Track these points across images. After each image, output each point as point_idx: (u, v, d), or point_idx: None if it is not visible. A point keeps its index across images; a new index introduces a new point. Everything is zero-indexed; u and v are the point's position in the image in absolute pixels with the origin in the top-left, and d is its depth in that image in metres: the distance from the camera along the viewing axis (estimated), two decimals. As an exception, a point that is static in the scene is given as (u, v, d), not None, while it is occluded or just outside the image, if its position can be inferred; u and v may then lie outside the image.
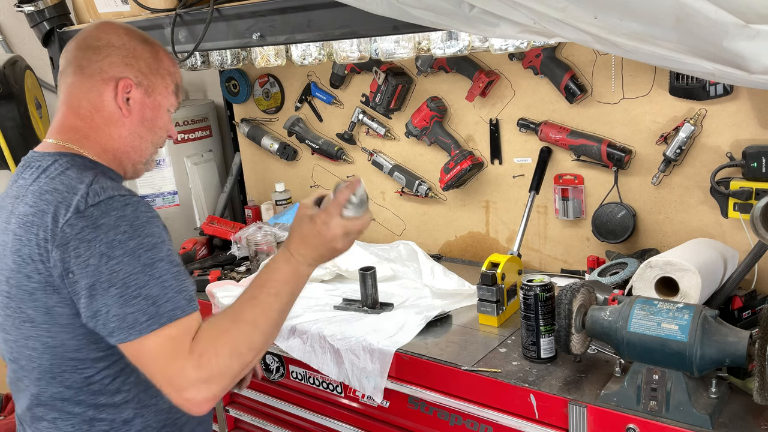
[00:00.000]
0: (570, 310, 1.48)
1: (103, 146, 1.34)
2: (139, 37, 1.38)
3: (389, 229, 2.68)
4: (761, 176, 1.74)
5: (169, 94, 1.41)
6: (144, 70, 1.36)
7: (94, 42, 1.34)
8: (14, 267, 1.23)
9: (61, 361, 1.24)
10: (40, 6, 2.38)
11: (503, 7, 1.27)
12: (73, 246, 1.15)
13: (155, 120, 1.39)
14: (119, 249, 1.14)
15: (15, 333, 1.27)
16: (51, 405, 1.28)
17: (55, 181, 1.23)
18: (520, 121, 2.21)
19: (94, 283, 1.14)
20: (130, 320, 1.14)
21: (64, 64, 1.37)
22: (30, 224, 1.20)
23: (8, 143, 2.56)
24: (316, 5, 1.75)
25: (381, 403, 1.80)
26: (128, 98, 1.34)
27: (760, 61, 1.08)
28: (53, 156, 1.29)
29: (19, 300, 1.23)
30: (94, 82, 1.33)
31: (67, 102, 1.35)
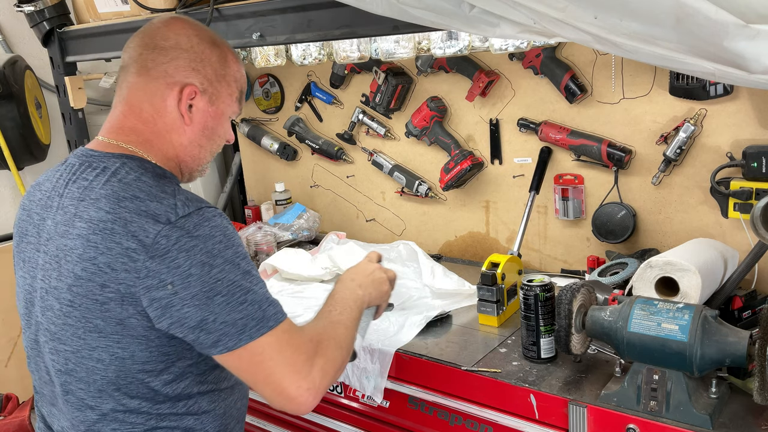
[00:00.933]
0: (570, 310, 1.48)
1: (165, 152, 1.30)
2: (209, 39, 1.32)
3: (389, 229, 2.67)
4: (761, 176, 1.74)
5: (232, 101, 1.37)
6: (210, 76, 1.30)
7: (161, 41, 1.28)
8: (84, 275, 1.15)
9: (128, 372, 1.19)
10: (39, 6, 2.38)
11: (503, 7, 1.27)
12: (172, 257, 1.11)
13: (216, 129, 1.35)
14: (219, 258, 1.14)
15: (76, 343, 1.20)
16: (111, 417, 1.22)
17: (132, 187, 1.18)
18: (520, 121, 2.21)
19: (198, 293, 1.12)
20: (240, 326, 1.14)
21: (127, 59, 1.30)
22: (110, 231, 1.14)
23: (8, 143, 2.56)
24: (316, 5, 1.75)
25: (381, 403, 1.80)
26: (191, 105, 1.29)
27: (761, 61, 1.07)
28: (119, 158, 1.24)
29: (85, 309, 1.17)
30: (159, 85, 1.27)
31: (128, 102, 1.29)
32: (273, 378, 1.16)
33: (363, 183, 2.70)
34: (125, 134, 1.28)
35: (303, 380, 1.17)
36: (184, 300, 1.12)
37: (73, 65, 2.52)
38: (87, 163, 1.25)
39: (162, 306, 1.13)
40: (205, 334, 1.14)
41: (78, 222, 1.18)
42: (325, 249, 2.45)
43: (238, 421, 1.38)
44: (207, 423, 1.28)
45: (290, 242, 2.65)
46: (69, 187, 1.24)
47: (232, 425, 1.36)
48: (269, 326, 1.16)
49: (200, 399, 1.27)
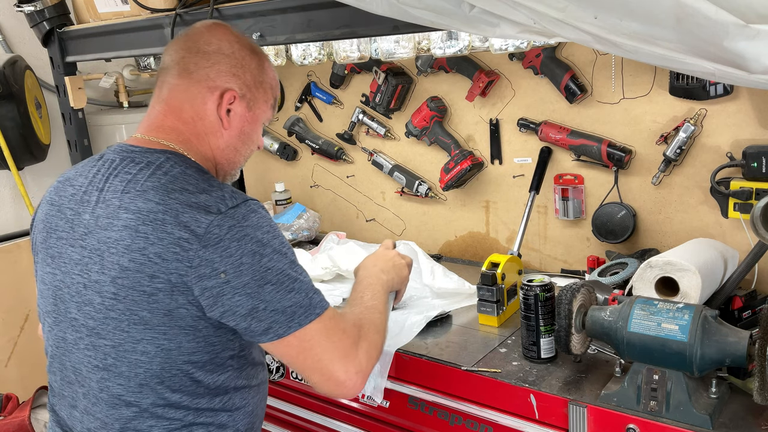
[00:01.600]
0: (570, 310, 1.48)
1: (203, 153, 1.33)
2: (249, 46, 1.37)
3: (389, 229, 2.67)
4: (761, 176, 1.74)
5: (268, 108, 1.41)
6: (249, 82, 1.35)
7: (204, 46, 1.32)
8: (132, 266, 1.16)
9: (173, 364, 1.20)
10: (39, 6, 2.38)
11: (503, 7, 1.27)
12: (224, 245, 1.14)
13: (251, 134, 1.40)
14: (268, 247, 1.18)
15: (118, 337, 1.20)
16: (150, 412, 1.22)
17: (180, 180, 1.21)
18: (520, 121, 2.21)
19: (249, 282, 1.15)
20: (289, 313, 1.17)
21: (169, 61, 1.34)
22: (161, 222, 1.15)
23: (8, 143, 2.56)
24: (316, 5, 1.75)
25: (381, 403, 1.80)
26: (230, 110, 1.33)
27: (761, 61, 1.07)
28: (162, 153, 1.26)
29: (130, 301, 1.17)
30: (200, 88, 1.31)
31: (169, 103, 1.33)
32: (322, 363, 1.20)
33: (363, 183, 2.70)
34: (166, 132, 1.31)
35: (351, 364, 1.21)
36: (235, 288, 1.14)
37: (73, 65, 2.52)
38: (129, 158, 1.27)
39: (214, 295, 1.15)
40: (257, 322, 1.17)
41: (123, 213, 1.19)
42: (325, 249, 2.45)
43: (260, 420, 1.41)
44: (238, 420, 1.31)
45: (290, 242, 2.64)
46: (110, 181, 1.25)
47: (257, 424, 1.39)
48: (316, 313, 1.20)
49: (234, 395, 1.29)
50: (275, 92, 1.43)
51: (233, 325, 1.18)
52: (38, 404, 2.32)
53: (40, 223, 1.35)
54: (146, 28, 2.17)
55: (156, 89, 1.36)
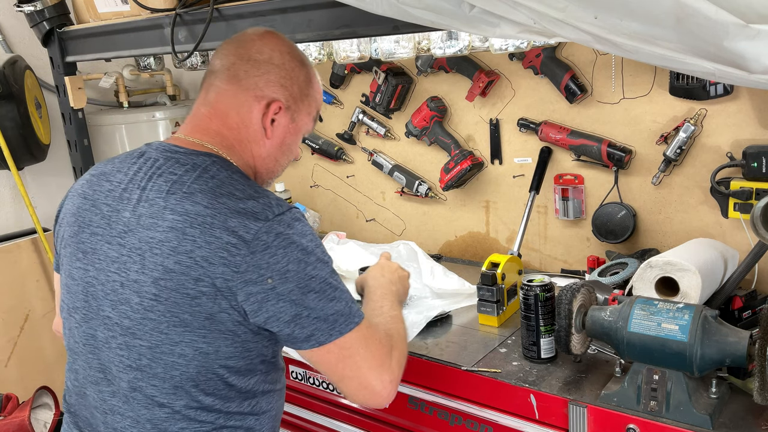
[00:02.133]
0: (570, 310, 1.48)
1: (245, 160, 1.33)
2: (299, 58, 1.38)
3: (389, 229, 2.67)
4: (761, 176, 1.74)
5: (310, 120, 1.42)
6: (295, 94, 1.35)
7: (256, 54, 1.32)
8: (177, 269, 1.15)
9: (209, 368, 1.20)
10: (39, 6, 2.38)
11: (503, 7, 1.27)
12: (272, 252, 1.15)
13: (291, 145, 1.40)
14: (312, 255, 1.19)
15: (155, 338, 1.19)
16: (182, 415, 1.22)
17: (227, 185, 1.21)
18: (520, 121, 2.21)
19: (294, 289, 1.16)
20: (331, 321, 1.18)
21: (218, 65, 1.34)
22: (209, 226, 1.15)
23: (8, 143, 2.56)
24: (316, 5, 1.75)
25: (381, 403, 1.79)
26: (274, 120, 1.33)
27: (761, 61, 1.07)
28: (207, 156, 1.27)
29: (172, 303, 1.17)
30: (248, 96, 1.31)
31: (215, 106, 1.33)
32: (361, 372, 1.21)
33: (363, 183, 2.70)
34: (210, 136, 1.31)
35: (386, 373, 1.23)
36: (280, 295, 1.15)
37: (73, 65, 2.52)
38: (173, 158, 1.26)
39: (259, 300, 1.15)
40: (299, 329, 1.17)
41: (169, 215, 1.18)
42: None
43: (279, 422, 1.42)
44: (264, 423, 1.32)
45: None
46: (154, 181, 1.24)
47: (278, 427, 1.41)
48: (355, 322, 1.21)
49: (261, 399, 1.30)
50: (318, 105, 1.44)
51: (276, 331, 1.19)
52: (38, 404, 2.32)
53: (70, 216, 1.33)
54: (146, 28, 2.17)
55: (202, 91, 1.36)
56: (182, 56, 2.25)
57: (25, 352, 2.73)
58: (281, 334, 1.19)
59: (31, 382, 2.59)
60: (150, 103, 3.08)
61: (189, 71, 2.81)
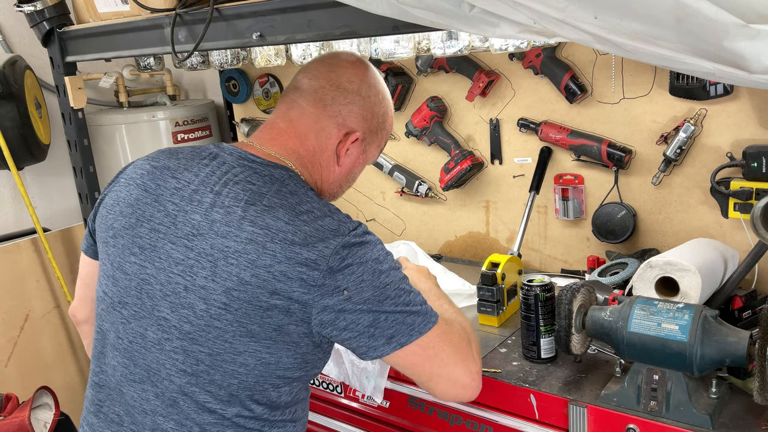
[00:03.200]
0: (570, 310, 1.48)
1: (315, 182, 1.36)
2: (383, 93, 1.41)
3: (389, 229, 2.67)
4: (761, 176, 1.74)
5: (378, 152, 1.46)
6: (373, 128, 1.39)
7: (346, 83, 1.35)
8: (254, 281, 1.16)
9: (267, 378, 1.22)
10: (39, 6, 2.37)
11: (503, 7, 1.27)
12: (347, 264, 1.17)
13: (356, 174, 1.44)
14: (385, 264, 1.22)
15: (218, 346, 1.19)
16: (233, 421, 1.22)
17: (305, 202, 1.23)
18: (520, 121, 2.21)
19: (370, 297, 1.17)
20: (408, 323, 1.20)
21: (306, 84, 1.36)
22: (290, 243, 1.16)
23: (8, 143, 2.56)
24: (316, 5, 1.75)
25: (381, 403, 1.80)
26: (348, 149, 1.36)
27: (761, 61, 1.07)
28: (283, 170, 1.28)
29: (242, 315, 1.17)
30: (330, 123, 1.34)
31: (295, 126, 1.34)
32: (449, 368, 1.23)
33: (363, 183, 2.70)
34: (287, 152, 1.33)
35: (472, 364, 1.26)
36: (356, 304, 1.17)
37: (73, 65, 2.52)
38: (250, 168, 1.26)
39: (336, 311, 1.17)
40: (380, 332, 1.19)
41: (249, 226, 1.18)
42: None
43: None
44: (299, 429, 1.35)
45: (290, 242, 2.65)
46: (230, 187, 1.23)
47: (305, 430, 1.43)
48: (433, 321, 1.23)
49: (298, 406, 1.32)
50: (387, 137, 1.48)
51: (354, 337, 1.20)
52: (38, 404, 2.32)
53: (127, 207, 1.30)
54: (146, 28, 2.17)
55: (283, 105, 1.37)
56: (182, 56, 2.24)
57: (25, 352, 2.73)
58: (359, 340, 1.20)
59: (31, 382, 2.60)
60: (150, 103, 3.08)
61: (189, 71, 2.81)
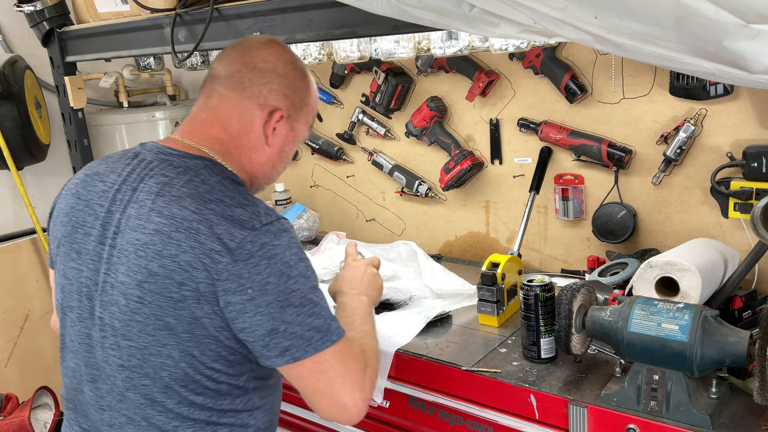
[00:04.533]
0: (570, 310, 1.48)
1: (242, 166, 1.34)
2: (301, 68, 1.40)
3: (389, 229, 2.67)
4: (761, 176, 1.74)
5: (307, 128, 1.45)
6: (296, 104, 1.38)
7: (261, 63, 1.34)
8: (161, 272, 1.16)
9: (197, 370, 1.21)
10: (39, 6, 2.38)
11: (503, 7, 1.27)
12: (254, 262, 1.15)
13: (289, 153, 1.43)
14: (295, 269, 1.18)
15: (144, 340, 1.20)
16: (176, 412, 1.23)
17: (216, 191, 1.21)
18: (521, 121, 2.21)
19: (273, 302, 1.15)
20: (307, 337, 1.17)
21: (222, 71, 1.35)
22: (195, 231, 1.15)
23: (8, 143, 2.56)
24: (316, 5, 1.75)
25: (381, 403, 1.80)
26: (275, 128, 1.35)
27: (761, 61, 1.07)
28: (200, 160, 1.27)
29: (156, 307, 1.18)
30: (251, 105, 1.33)
31: (216, 113, 1.34)
32: (332, 388, 1.20)
33: (363, 183, 2.70)
34: (208, 140, 1.32)
35: (359, 391, 1.21)
36: (258, 306, 1.15)
37: (73, 65, 2.52)
38: (167, 161, 1.27)
39: (237, 310, 1.15)
40: (274, 343, 1.17)
41: (156, 217, 1.19)
42: (325, 249, 2.45)
43: (277, 418, 1.44)
44: (259, 418, 1.33)
45: (290, 242, 2.64)
46: (145, 182, 1.25)
47: (275, 420, 1.42)
48: (333, 340, 1.20)
49: (253, 395, 1.31)
50: (315, 113, 1.47)
51: (250, 342, 1.18)
52: (38, 404, 2.32)
53: (64, 216, 1.33)
54: (146, 28, 2.17)
55: (202, 95, 1.37)
56: (182, 56, 2.25)
57: (25, 352, 2.73)
58: (255, 347, 1.18)
59: (31, 382, 2.60)
60: (150, 103, 3.08)
61: (189, 71, 2.81)
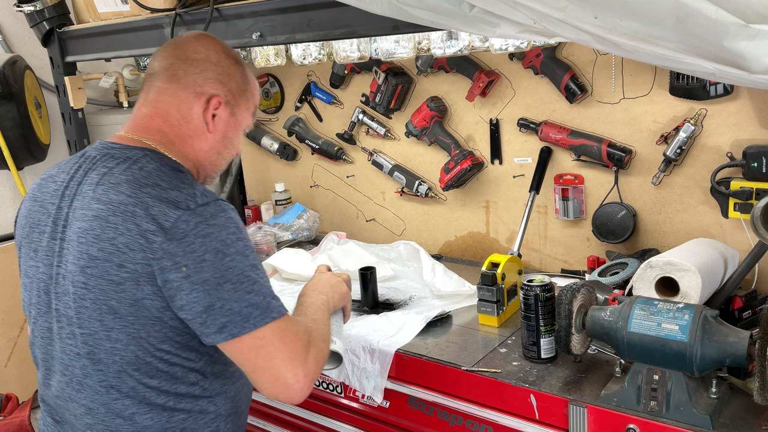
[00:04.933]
0: (570, 310, 1.48)
1: (185, 155, 1.37)
2: (233, 57, 1.44)
3: (389, 229, 2.68)
4: (761, 176, 1.74)
5: (249, 115, 1.48)
6: (234, 90, 1.41)
7: (193, 54, 1.38)
8: (100, 256, 1.20)
9: (146, 352, 1.24)
10: (39, 6, 2.38)
11: (503, 7, 1.27)
12: (189, 241, 1.17)
13: (233, 139, 1.46)
14: (232, 247, 1.20)
15: (92, 326, 1.24)
16: (132, 397, 1.26)
17: (153, 176, 1.25)
18: (521, 121, 2.21)
19: (209, 279, 1.17)
20: (245, 314, 1.19)
21: (157, 67, 1.39)
22: (131, 214, 1.19)
23: (8, 143, 2.56)
24: (316, 5, 1.75)
25: (381, 404, 1.80)
26: (215, 115, 1.38)
27: (761, 61, 1.07)
28: (140, 150, 1.31)
29: (100, 291, 1.21)
30: (188, 94, 1.36)
31: (156, 106, 1.37)
32: (273, 364, 1.21)
33: (363, 183, 2.70)
34: (150, 133, 1.36)
35: (300, 367, 1.22)
36: (194, 284, 1.17)
37: (73, 65, 2.52)
38: (109, 154, 1.32)
39: (174, 288, 1.18)
40: (212, 320, 1.19)
41: (95, 204, 1.23)
42: (325, 249, 2.45)
43: (246, 406, 1.45)
44: (220, 405, 1.34)
45: (290, 242, 2.65)
46: (89, 175, 1.30)
47: (242, 409, 1.43)
48: (272, 317, 1.22)
49: (214, 381, 1.33)
50: (256, 101, 1.50)
51: (189, 320, 1.21)
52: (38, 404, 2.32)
53: (23, 219, 1.40)
54: (146, 28, 2.17)
55: (142, 93, 1.41)
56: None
57: (25, 352, 2.73)
58: (193, 324, 1.21)
59: (31, 382, 2.60)
60: (150, 103, 3.07)
61: (189, 71, 2.81)
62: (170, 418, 1.28)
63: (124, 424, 1.27)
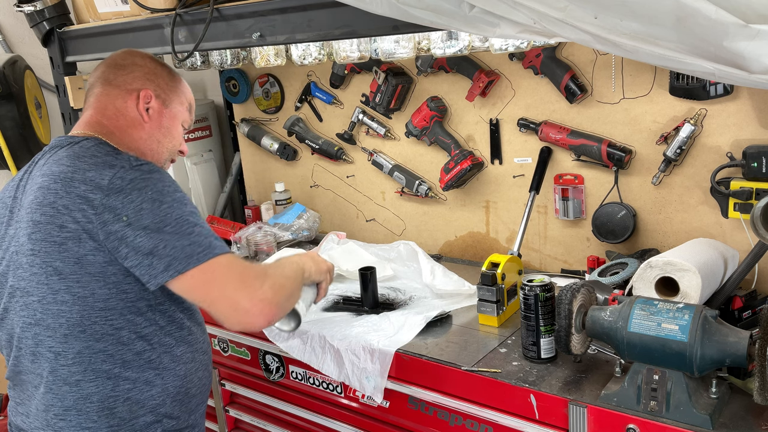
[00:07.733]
0: (570, 310, 1.48)
1: (126, 144, 1.49)
2: (159, 61, 1.61)
3: (389, 229, 2.68)
4: (761, 176, 1.74)
5: (183, 109, 1.62)
6: (162, 85, 1.57)
7: (120, 61, 1.56)
8: (42, 220, 1.29)
9: (91, 311, 1.30)
10: (39, 6, 2.38)
11: (503, 7, 1.27)
12: (126, 193, 1.27)
13: (171, 129, 1.59)
14: (168, 196, 1.30)
15: (41, 291, 1.32)
16: (78, 362, 1.32)
17: (92, 150, 1.38)
18: (521, 121, 2.21)
19: (149, 224, 1.25)
20: (188, 251, 1.27)
21: (93, 80, 1.56)
22: (69, 179, 1.30)
23: (8, 143, 2.57)
24: (316, 5, 1.75)
25: (381, 403, 1.80)
26: (148, 108, 1.53)
27: (761, 61, 1.07)
28: (85, 139, 1.43)
29: (44, 254, 1.30)
30: (120, 92, 1.52)
31: (94, 106, 1.52)
32: (226, 292, 1.28)
33: (363, 183, 2.70)
34: (91, 127, 1.49)
35: (256, 292, 1.30)
36: (136, 230, 1.25)
37: (73, 65, 2.52)
38: (56, 145, 1.45)
39: (118, 238, 1.26)
40: (157, 260, 1.26)
41: (40, 179, 1.36)
42: (325, 249, 2.45)
43: (199, 391, 1.50)
44: (168, 380, 1.40)
45: (290, 242, 2.65)
46: (38, 164, 1.44)
47: (193, 392, 1.48)
48: (215, 253, 1.30)
49: (163, 355, 1.39)
50: (189, 99, 1.64)
51: (135, 266, 1.27)
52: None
53: None
54: (146, 28, 2.17)
55: (84, 103, 1.56)
56: (182, 56, 2.24)
57: None
58: (140, 269, 1.27)
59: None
60: (150, 103, 3.08)
61: (189, 71, 2.81)
62: (115, 387, 1.34)
63: (70, 391, 1.33)
